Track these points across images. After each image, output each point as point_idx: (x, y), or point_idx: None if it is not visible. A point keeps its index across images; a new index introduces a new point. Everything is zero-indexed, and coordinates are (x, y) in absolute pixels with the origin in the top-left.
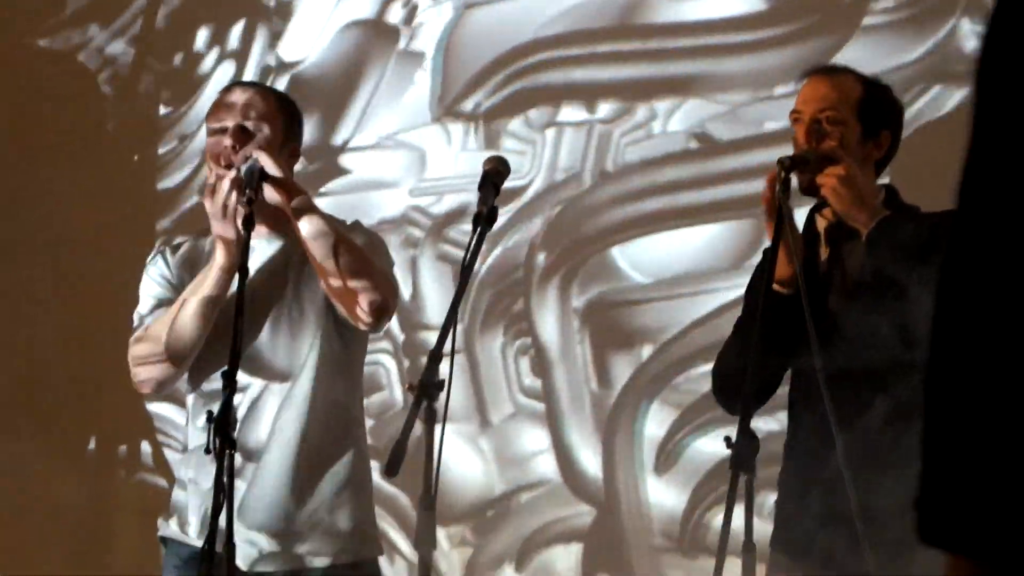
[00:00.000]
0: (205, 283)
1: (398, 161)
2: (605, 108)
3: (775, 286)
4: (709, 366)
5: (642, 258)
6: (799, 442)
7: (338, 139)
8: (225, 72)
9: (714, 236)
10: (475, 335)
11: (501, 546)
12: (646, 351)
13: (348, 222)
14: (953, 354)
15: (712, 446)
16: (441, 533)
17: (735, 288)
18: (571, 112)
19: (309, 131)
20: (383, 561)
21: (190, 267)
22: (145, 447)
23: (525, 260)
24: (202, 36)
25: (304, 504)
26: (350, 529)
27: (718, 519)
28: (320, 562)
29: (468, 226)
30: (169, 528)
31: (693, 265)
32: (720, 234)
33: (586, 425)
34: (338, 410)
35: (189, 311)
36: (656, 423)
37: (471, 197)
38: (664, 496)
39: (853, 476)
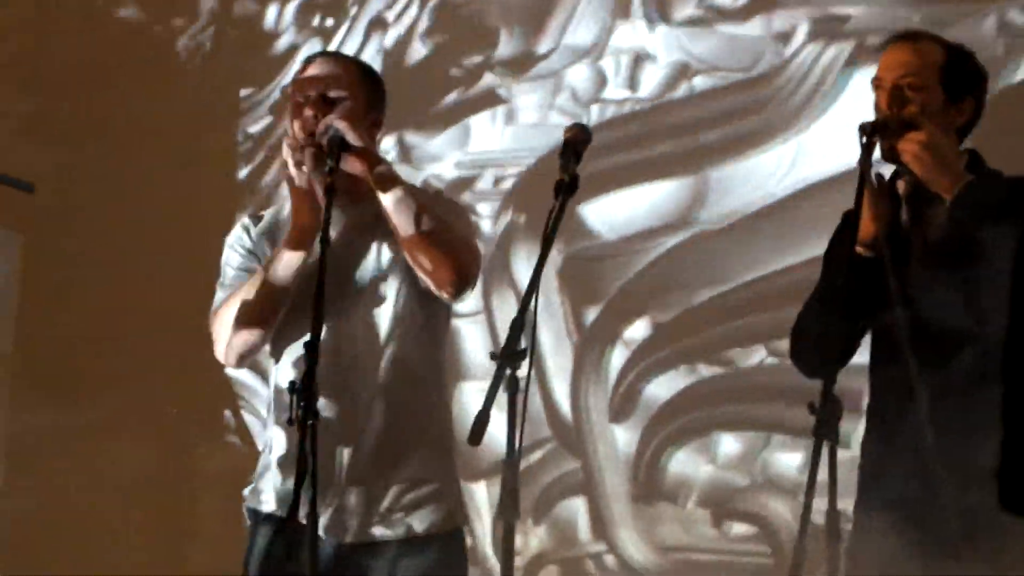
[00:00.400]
0: (286, 251)
1: None
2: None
3: (858, 248)
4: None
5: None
6: (880, 405)
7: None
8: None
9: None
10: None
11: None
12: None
13: (431, 191)
14: None
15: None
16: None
17: None
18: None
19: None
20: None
21: (272, 238)
22: (227, 415)
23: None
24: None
25: (390, 474)
26: (439, 499)
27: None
28: (406, 532)
29: None
30: (253, 499)
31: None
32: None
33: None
34: (422, 377)
35: (271, 279)
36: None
37: None
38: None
39: (935, 436)
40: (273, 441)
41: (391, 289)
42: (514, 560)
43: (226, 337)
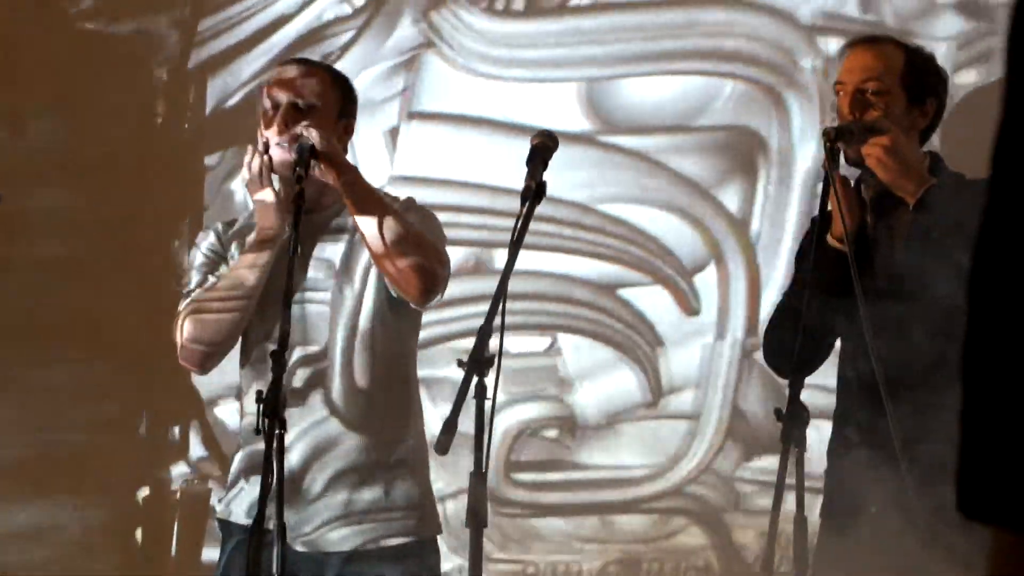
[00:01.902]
0: (252, 254)
1: None
2: None
3: (833, 241)
4: None
5: None
6: (847, 410)
7: None
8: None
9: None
10: None
11: None
12: None
13: (401, 199)
14: (990, 326)
15: None
16: None
17: None
18: None
19: None
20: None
21: (242, 242)
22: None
23: None
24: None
25: (361, 483)
26: (410, 507)
27: None
28: (381, 542)
29: None
30: (224, 510)
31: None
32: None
33: None
34: (393, 385)
35: (237, 284)
36: None
37: None
38: None
39: (902, 443)
40: (243, 451)
41: (360, 296)
42: (482, 566)
43: (191, 342)
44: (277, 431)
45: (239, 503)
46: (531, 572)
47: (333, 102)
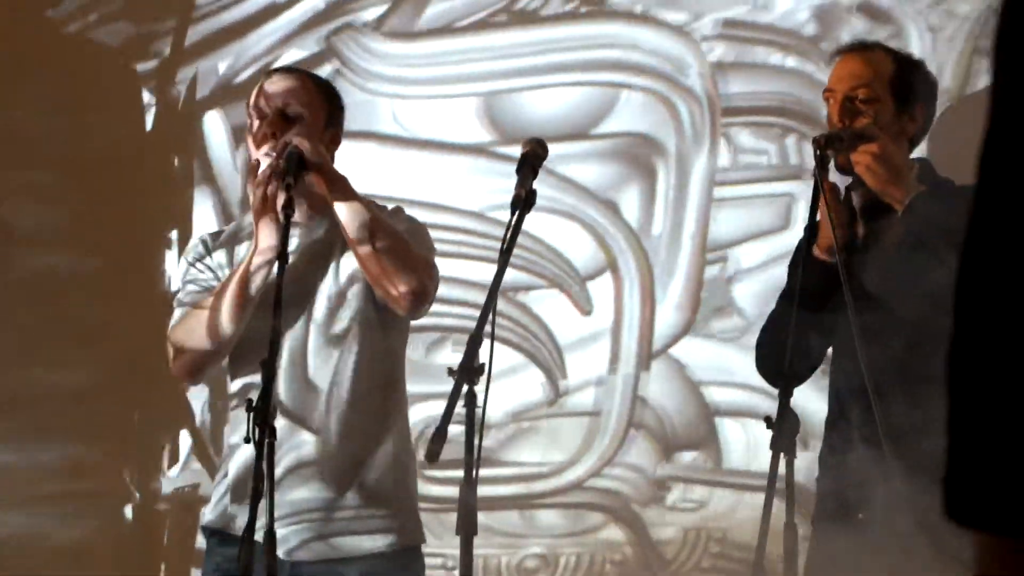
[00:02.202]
0: (245, 267)
1: None
2: None
3: (820, 254)
4: None
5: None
6: (838, 415)
7: None
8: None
9: None
10: None
11: None
12: None
13: (389, 207)
14: (976, 332)
15: None
16: None
17: None
18: None
19: None
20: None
21: (230, 253)
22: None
23: None
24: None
25: (347, 491)
26: (397, 516)
27: None
28: (365, 550)
29: None
30: (211, 518)
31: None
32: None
33: None
34: (380, 395)
35: (229, 296)
36: None
37: None
38: None
39: (892, 448)
40: (231, 460)
41: (348, 306)
42: (472, 573)
43: (183, 353)
44: (267, 439)
45: (224, 511)
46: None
47: (320, 111)
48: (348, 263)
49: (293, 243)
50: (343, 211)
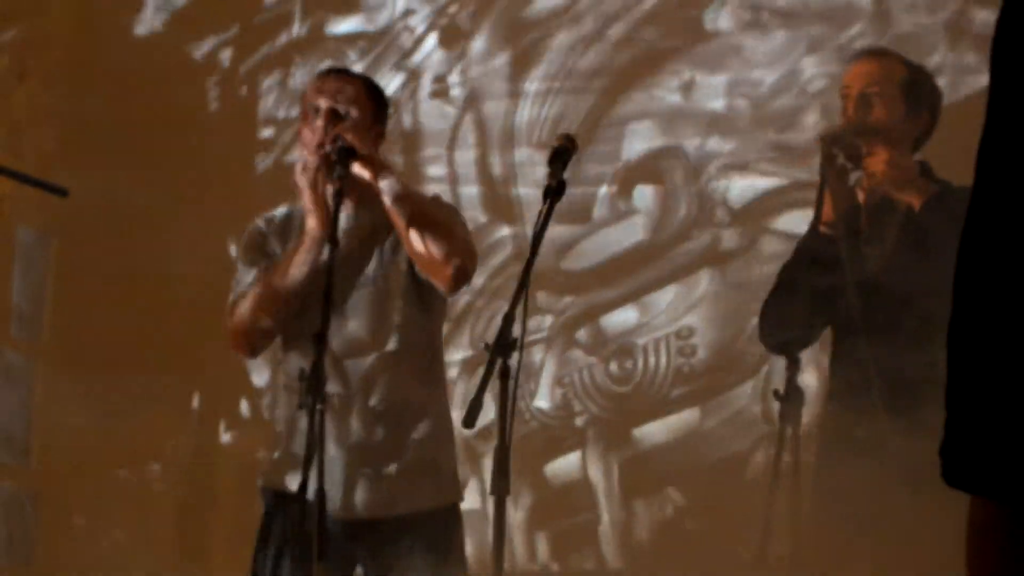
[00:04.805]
0: (298, 251)
1: None
2: None
3: (821, 228)
4: None
5: None
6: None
7: None
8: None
9: None
10: None
11: None
12: None
13: (430, 195)
14: (974, 309)
15: None
16: None
17: None
18: None
19: None
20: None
21: (285, 236)
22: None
23: None
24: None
25: (394, 455)
26: (437, 477)
27: None
28: (411, 507)
29: None
30: (268, 479)
31: None
32: None
33: None
34: (420, 367)
35: (284, 277)
36: None
37: None
38: None
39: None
40: (285, 426)
41: (393, 287)
42: (504, 532)
43: (242, 330)
44: (319, 407)
45: (281, 474)
46: None
47: (368, 109)
48: (391, 248)
49: (340, 229)
50: (390, 198)
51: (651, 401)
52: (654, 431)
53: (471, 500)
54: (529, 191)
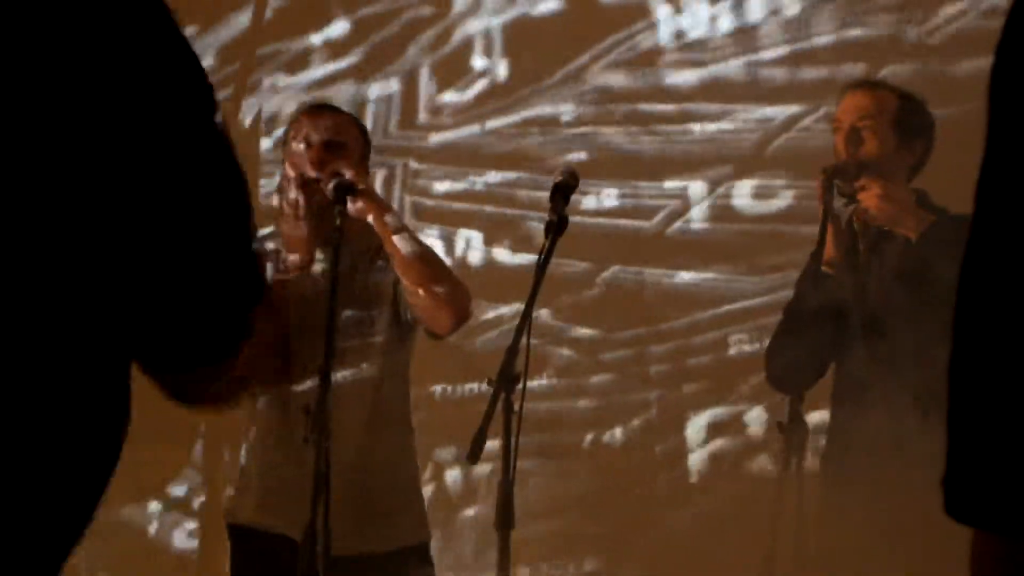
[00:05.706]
0: (281, 283)
1: None
2: None
3: (823, 267)
4: None
5: None
6: (840, 422)
7: None
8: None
9: None
10: None
11: None
12: None
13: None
14: (976, 340)
15: None
16: None
17: None
18: None
19: None
20: None
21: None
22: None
23: None
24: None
25: (371, 492)
26: (408, 516)
27: None
28: (386, 545)
29: None
30: (235, 514)
31: None
32: None
33: None
34: (397, 400)
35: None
36: None
37: None
38: None
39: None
40: (254, 458)
41: (378, 322)
42: (510, 567)
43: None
44: (323, 443)
45: (251, 507)
46: None
47: (359, 143)
48: (377, 283)
49: (318, 267)
50: (396, 238)
51: None
52: None
53: None
54: None
